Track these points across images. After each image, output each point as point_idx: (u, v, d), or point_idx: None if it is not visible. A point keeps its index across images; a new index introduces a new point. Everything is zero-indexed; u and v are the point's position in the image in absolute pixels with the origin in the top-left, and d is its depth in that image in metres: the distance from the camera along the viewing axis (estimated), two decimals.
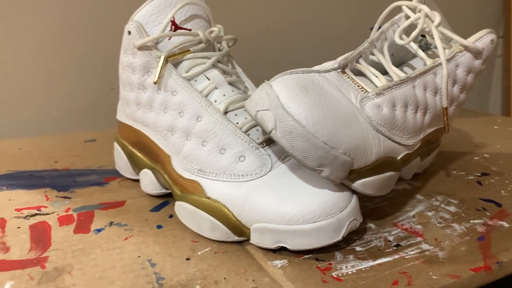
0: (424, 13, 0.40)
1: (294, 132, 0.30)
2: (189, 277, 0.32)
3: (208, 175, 0.37)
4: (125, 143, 0.46)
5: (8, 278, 0.31)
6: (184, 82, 0.39)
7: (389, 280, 0.31)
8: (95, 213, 0.41)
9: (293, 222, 0.32)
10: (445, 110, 0.40)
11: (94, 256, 0.34)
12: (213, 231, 0.36)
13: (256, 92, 0.33)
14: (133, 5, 0.68)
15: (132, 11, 0.68)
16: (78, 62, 0.67)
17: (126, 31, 0.40)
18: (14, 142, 0.58)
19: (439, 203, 0.42)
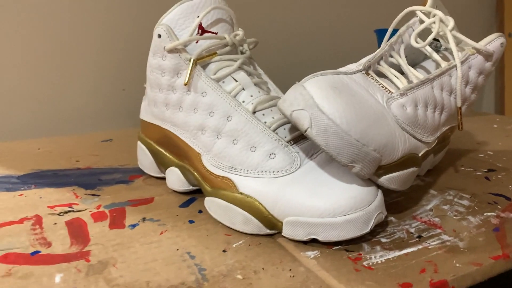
0: (439, 18, 0.43)
1: (329, 131, 0.32)
2: (229, 267, 0.33)
3: (239, 171, 0.38)
4: (151, 142, 0.47)
5: (56, 271, 0.33)
6: (213, 84, 0.41)
7: (417, 269, 0.33)
8: (126, 210, 0.42)
9: (325, 215, 0.34)
10: (459, 109, 0.42)
11: (134, 250, 0.36)
12: (246, 225, 0.37)
13: (289, 93, 0.35)
14: (146, 7, 0.69)
15: (146, 14, 0.69)
16: (90, 64, 0.68)
17: (155, 34, 0.42)
18: (33, 142, 0.59)
19: (452, 198, 0.45)
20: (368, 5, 0.90)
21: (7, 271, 0.32)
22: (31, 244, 0.36)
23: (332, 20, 0.87)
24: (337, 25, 0.88)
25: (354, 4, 0.89)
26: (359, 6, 0.89)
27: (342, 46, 0.90)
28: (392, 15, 0.93)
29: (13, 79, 0.64)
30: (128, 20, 0.69)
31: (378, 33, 0.74)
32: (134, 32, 0.70)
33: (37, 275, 0.32)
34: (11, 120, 0.65)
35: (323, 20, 0.86)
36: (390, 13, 0.93)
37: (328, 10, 0.86)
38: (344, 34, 0.89)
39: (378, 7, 0.92)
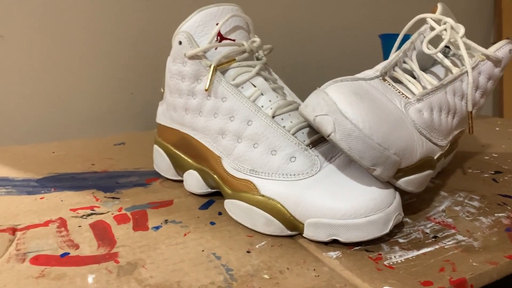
0: (450, 25, 0.44)
1: (352, 135, 0.33)
2: (255, 268, 0.35)
3: (260, 174, 0.40)
4: (168, 146, 0.48)
5: (88, 272, 0.34)
6: (233, 89, 0.42)
7: (436, 267, 0.34)
8: (148, 212, 0.43)
9: (346, 216, 0.36)
10: (470, 113, 0.43)
11: (161, 251, 0.37)
12: (268, 226, 0.39)
13: (311, 98, 0.36)
14: (154, 12, 0.70)
15: (154, 19, 0.70)
16: (99, 67, 0.69)
17: (176, 41, 0.43)
18: (47, 146, 0.60)
19: (462, 199, 0.46)
20: (373, 10, 0.92)
21: (40, 272, 0.33)
22: (59, 246, 0.37)
23: (337, 25, 0.88)
24: (342, 30, 0.89)
25: (359, 9, 0.90)
26: (364, 11, 0.91)
27: (347, 51, 0.91)
28: (396, 21, 0.94)
29: (21, 82, 0.64)
30: (136, 25, 0.70)
31: (382, 38, 0.75)
32: (142, 36, 0.71)
33: (70, 276, 0.33)
34: (21, 124, 0.66)
35: (328, 25, 0.88)
36: (394, 18, 0.95)
37: (333, 15, 0.87)
38: (349, 39, 0.90)
39: (382, 12, 0.93)
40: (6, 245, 0.37)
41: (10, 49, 0.63)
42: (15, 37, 0.63)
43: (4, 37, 0.63)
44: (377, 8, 0.93)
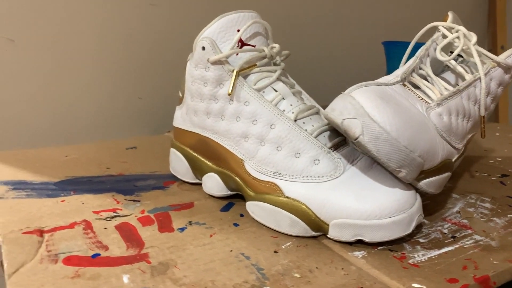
0: (463, 33, 0.46)
1: (380, 138, 0.34)
2: (285, 267, 0.35)
3: (284, 177, 0.41)
4: (187, 149, 0.49)
5: (121, 272, 0.34)
6: (256, 93, 0.43)
7: (459, 266, 0.36)
8: (170, 214, 0.44)
9: (371, 217, 0.37)
10: (482, 118, 0.45)
11: (190, 252, 0.37)
12: (292, 227, 0.40)
13: (337, 103, 0.37)
14: (162, 20, 0.71)
15: (162, 24, 0.71)
16: (108, 72, 0.69)
17: (199, 46, 0.44)
18: (59, 149, 0.60)
19: (474, 201, 0.48)
20: (376, 18, 0.94)
21: (75, 272, 0.34)
22: (89, 248, 0.37)
23: (341, 32, 0.90)
24: (345, 37, 0.91)
25: (362, 17, 0.92)
26: (367, 19, 0.93)
27: (351, 57, 0.93)
28: (398, 28, 0.97)
29: (31, 86, 0.65)
30: (144, 30, 0.70)
31: (385, 45, 0.77)
32: (150, 42, 0.71)
33: (105, 276, 0.34)
34: (30, 127, 0.66)
35: (332, 32, 0.89)
36: (397, 26, 0.97)
37: (337, 22, 0.89)
38: (352, 46, 0.92)
39: (385, 20, 0.95)
40: (36, 247, 0.37)
41: (21, 53, 0.63)
42: (25, 42, 0.63)
43: (15, 42, 0.63)
44: (380, 15, 0.95)
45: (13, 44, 0.63)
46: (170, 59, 0.74)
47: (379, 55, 0.82)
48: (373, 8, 0.94)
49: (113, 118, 0.72)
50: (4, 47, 0.63)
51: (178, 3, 0.73)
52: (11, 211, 0.43)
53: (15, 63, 0.63)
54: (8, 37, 0.63)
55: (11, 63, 0.63)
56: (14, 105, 0.64)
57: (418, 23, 1.00)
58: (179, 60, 0.75)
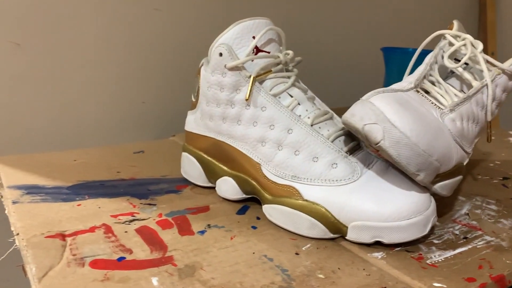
0: (470, 41, 0.47)
1: (401, 142, 0.36)
2: (308, 268, 0.36)
3: (303, 180, 0.42)
4: (200, 153, 0.50)
5: (149, 275, 0.35)
6: (272, 99, 0.44)
7: (474, 265, 0.37)
8: (188, 218, 0.44)
9: (390, 219, 0.38)
10: (489, 123, 0.47)
11: (214, 254, 0.38)
12: (311, 230, 0.41)
13: (356, 108, 0.38)
14: (166, 24, 0.72)
15: (166, 30, 0.72)
16: (111, 77, 0.69)
17: (216, 53, 0.45)
18: (67, 154, 0.60)
19: (480, 203, 0.50)
20: (375, 24, 0.96)
21: (104, 275, 0.34)
22: (113, 251, 0.38)
23: (341, 38, 0.91)
24: (345, 43, 0.92)
25: (362, 23, 0.94)
26: (366, 25, 0.95)
27: (350, 63, 0.94)
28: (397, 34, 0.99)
29: (36, 90, 0.65)
30: (148, 35, 0.71)
31: (384, 51, 0.79)
32: (153, 46, 0.72)
33: (134, 279, 0.34)
34: (35, 131, 0.66)
35: (332, 38, 0.91)
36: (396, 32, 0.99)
37: (337, 29, 0.91)
38: (351, 52, 0.94)
39: (384, 26, 0.97)
40: (61, 250, 0.37)
41: (26, 57, 0.63)
42: (30, 46, 0.63)
43: (21, 45, 0.63)
44: (379, 23, 0.97)
45: (19, 48, 0.63)
46: (174, 64, 0.75)
47: (378, 60, 0.83)
48: (372, 16, 0.96)
49: (116, 123, 0.72)
50: (10, 51, 0.63)
51: (182, 9, 0.73)
52: (29, 216, 0.43)
53: (20, 66, 0.63)
54: (14, 41, 0.63)
55: (16, 67, 0.63)
56: (18, 108, 0.64)
57: (414, 30, 1.02)
58: (182, 65, 0.75)
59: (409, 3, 1.01)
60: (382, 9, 0.97)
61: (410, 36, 1.02)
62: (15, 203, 0.45)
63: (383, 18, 0.98)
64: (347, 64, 0.94)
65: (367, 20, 0.96)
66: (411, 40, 1.00)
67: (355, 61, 0.95)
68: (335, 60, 0.93)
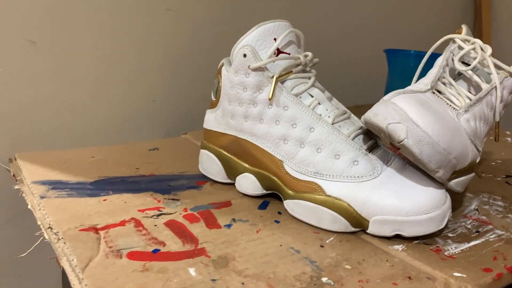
0: (479, 45, 0.50)
1: (423, 141, 0.38)
2: (334, 259, 0.39)
3: (325, 177, 0.44)
4: (220, 151, 0.52)
5: (186, 265, 0.37)
6: (294, 98, 0.46)
7: (489, 257, 0.40)
8: (213, 212, 0.46)
9: (410, 214, 0.40)
10: (497, 123, 0.49)
11: (243, 246, 0.40)
12: (334, 224, 0.43)
13: (379, 108, 0.40)
14: (176, 24, 0.73)
15: (176, 30, 0.73)
16: (122, 76, 0.71)
17: (241, 54, 0.47)
18: (84, 151, 0.61)
19: (487, 199, 0.52)
20: (378, 26, 0.98)
21: (143, 266, 0.36)
22: (147, 244, 0.39)
23: (345, 40, 0.94)
24: (349, 44, 0.95)
25: (365, 25, 0.96)
26: (370, 27, 0.97)
27: (354, 64, 0.97)
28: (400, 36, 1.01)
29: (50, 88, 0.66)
30: (159, 35, 0.72)
31: (387, 53, 0.81)
32: (165, 47, 0.73)
33: (172, 270, 0.36)
34: (48, 129, 0.67)
35: (337, 40, 0.93)
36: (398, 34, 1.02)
37: (341, 31, 0.93)
38: (354, 53, 0.96)
39: (386, 29, 1.00)
40: (97, 243, 0.39)
41: (41, 56, 0.64)
42: (46, 44, 0.64)
43: (37, 44, 0.64)
44: (380, 25, 0.99)
45: (35, 46, 0.64)
46: (184, 63, 0.76)
47: (381, 61, 0.86)
48: (376, 18, 0.98)
49: (127, 121, 0.73)
50: (27, 49, 0.64)
51: (193, 9, 0.75)
52: (59, 210, 0.44)
53: (36, 64, 0.64)
54: (30, 39, 0.64)
55: (32, 65, 0.64)
56: (32, 106, 0.65)
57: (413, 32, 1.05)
58: (192, 64, 0.77)
59: (407, 7, 1.04)
60: (383, 12, 1.00)
61: (410, 38, 1.05)
62: (42, 197, 0.47)
63: (384, 21, 1.01)
64: (351, 65, 0.97)
65: (370, 23, 0.98)
66: (410, 42, 1.03)
67: (359, 62, 0.98)
68: (340, 61, 0.95)
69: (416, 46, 0.95)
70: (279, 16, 0.85)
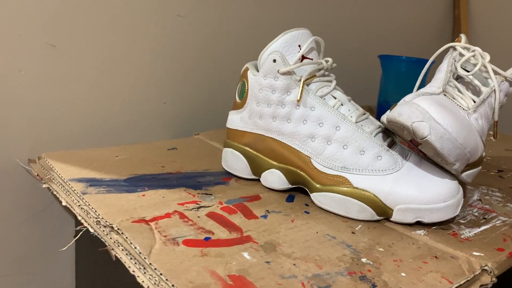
0: (479, 53, 0.56)
1: (444, 137, 0.43)
2: (367, 244, 0.43)
3: (352, 171, 0.48)
4: (247, 149, 0.55)
5: (239, 250, 0.40)
6: (320, 100, 0.50)
7: (499, 239, 0.45)
8: (246, 205, 0.50)
9: (430, 202, 0.45)
10: (495, 122, 0.55)
11: (284, 234, 0.44)
12: (361, 213, 0.47)
13: (403, 109, 0.45)
14: (188, 29, 0.77)
15: (188, 35, 0.77)
16: (136, 80, 0.74)
17: (271, 59, 0.51)
18: (107, 151, 0.64)
19: (486, 191, 0.58)
20: (373, 33, 1.04)
21: (201, 251, 0.40)
22: (197, 233, 0.43)
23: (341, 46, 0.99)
24: (345, 50, 1.00)
25: (360, 32, 1.02)
26: (365, 33, 1.03)
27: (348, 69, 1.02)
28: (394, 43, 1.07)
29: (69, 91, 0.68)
30: (171, 41, 0.76)
31: (381, 58, 0.87)
32: (175, 52, 0.77)
33: (228, 254, 0.40)
34: (67, 129, 0.69)
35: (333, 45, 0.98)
36: (392, 41, 1.08)
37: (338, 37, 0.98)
38: (348, 58, 1.02)
39: (382, 34, 1.06)
40: (151, 233, 0.42)
41: (61, 59, 0.67)
42: (65, 48, 0.67)
43: (56, 47, 0.67)
44: (378, 31, 1.05)
45: (54, 50, 0.67)
46: (194, 67, 0.80)
47: (375, 67, 0.92)
48: (371, 25, 1.04)
49: (139, 122, 0.76)
50: (47, 52, 0.66)
51: (203, 15, 0.78)
52: (104, 205, 0.47)
53: (55, 67, 0.66)
54: (50, 43, 0.66)
55: (52, 68, 0.66)
56: (51, 108, 0.67)
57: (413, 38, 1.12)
58: (202, 68, 0.80)
59: (396, 19, 1.11)
60: (376, 24, 1.06)
61: (399, 45, 1.12)
62: (84, 194, 0.50)
63: (377, 32, 1.07)
64: (348, 70, 1.02)
65: (366, 29, 1.04)
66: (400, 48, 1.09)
67: (354, 67, 1.03)
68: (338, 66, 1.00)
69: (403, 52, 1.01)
70: (282, 22, 0.89)
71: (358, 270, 0.38)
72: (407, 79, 0.81)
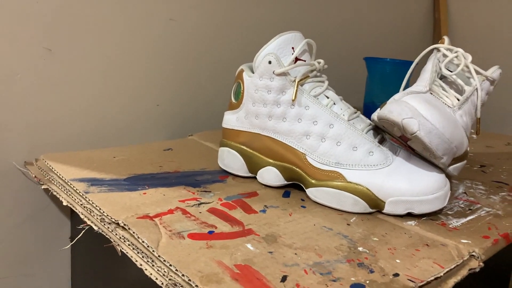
0: (462, 53, 0.59)
1: (432, 132, 0.46)
2: (363, 234, 0.46)
3: (345, 166, 0.51)
4: (243, 147, 0.58)
5: (242, 242, 0.42)
6: (314, 99, 0.53)
7: (484, 228, 0.48)
8: (245, 201, 0.52)
9: (420, 194, 0.48)
10: (478, 119, 0.58)
11: (283, 227, 0.46)
12: (354, 206, 0.50)
13: (393, 106, 0.48)
14: (181, 33, 0.79)
15: (181, 38, 0.79)
16: (129, 82, 0.75)
17: (266, 60, 0.53)
18: (104, 152, 0.66)
19: (470, 184, 0.61)
20: (359, 35, 1.07)
21: (206, 244, 0.42)
22: (201, 227, 0.45)
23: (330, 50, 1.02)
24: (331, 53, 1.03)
25: (346, 34, 1.05)
26: (351, 36, 1.06)
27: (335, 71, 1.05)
28: (379, 45, 1.11)
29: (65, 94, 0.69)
30: (164, 44, 0.77)
31: (367, 61, 0.90)
32: (168, 55, 0.78)
33: (232, 246, 0.42)
34: (61, 132, 0.70)
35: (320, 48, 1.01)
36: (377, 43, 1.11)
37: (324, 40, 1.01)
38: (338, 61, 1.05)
39: (367, 38, 1.09)
40: (157, 228, 0.44)
41: (56, 63, 0.68)
42: (61, 52, 0.68)
43: (52, 51, 0.68)
44: (363, 34, 1.09)
45: (50, 53, 0.68)
46: (187, 70, 0.82)
47: (360, 69, 0.95)
48: (357, 28, 1.07)
49: (134, 124, 0.78)
50: (43, 56, 0.67)
51: (194, 19, 0.80)
52: (108, 203, 0.49)
53: (51, 71, 0.68)
54: (46, 47, 0.67)
55: (48, 71, 0.67)
56: (47, 111, 0.68)
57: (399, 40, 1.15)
58: (194, 71, 0.82)
59: (380, 23, 1.14)
60: (361, 27, 1.09)
61: (382, 47, 1.15)
62: (87, 193, 0.51)
63: (362, 35, 1.10)
64: (335, 71, 1.05)
65: (352, 32, 1.07)
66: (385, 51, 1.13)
67: (340, 69, 1.06)
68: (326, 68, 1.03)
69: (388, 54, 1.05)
70: (273, 26, 0.92)
71: (356, 258, 0.41)
72: (392, 80, 0.84)
